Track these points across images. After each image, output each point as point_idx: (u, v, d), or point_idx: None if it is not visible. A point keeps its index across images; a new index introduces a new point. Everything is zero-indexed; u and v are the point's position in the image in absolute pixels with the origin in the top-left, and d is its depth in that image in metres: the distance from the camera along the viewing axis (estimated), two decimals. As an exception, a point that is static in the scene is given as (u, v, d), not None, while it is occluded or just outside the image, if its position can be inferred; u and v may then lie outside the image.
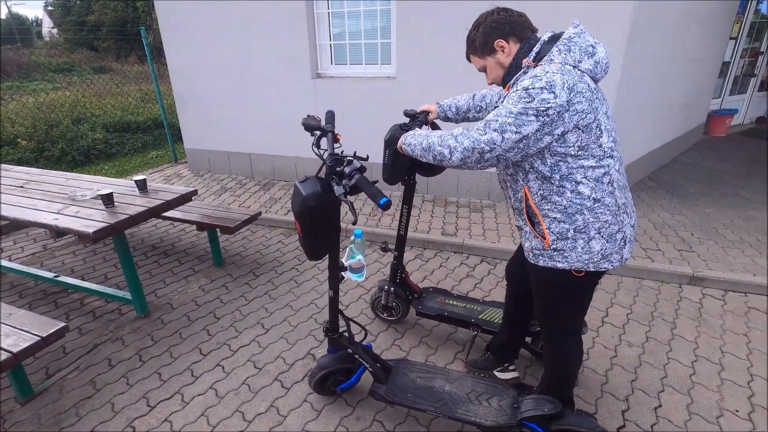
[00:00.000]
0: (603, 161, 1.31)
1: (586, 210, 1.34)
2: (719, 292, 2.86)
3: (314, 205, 1.38)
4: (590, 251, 1.38)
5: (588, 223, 1.36)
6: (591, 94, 1.26)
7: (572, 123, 1.24)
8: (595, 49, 1.30)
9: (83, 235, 2.10)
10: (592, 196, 1.33)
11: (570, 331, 1.62)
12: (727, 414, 1.97)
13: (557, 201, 1.36)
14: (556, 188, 1.35)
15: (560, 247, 1.40)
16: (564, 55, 1.28)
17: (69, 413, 2.05)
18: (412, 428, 1.93)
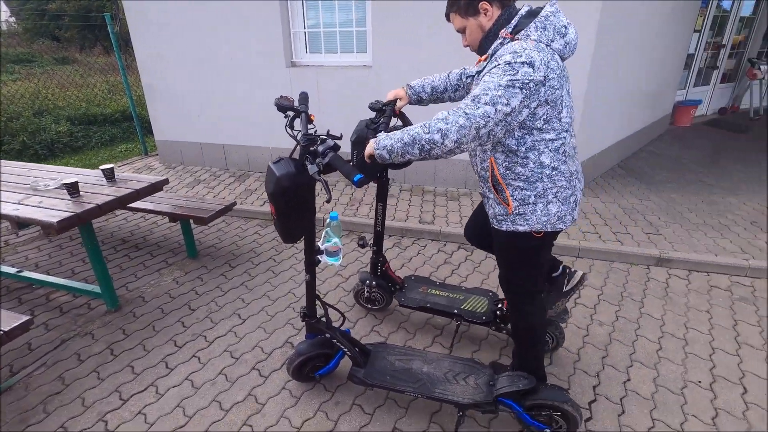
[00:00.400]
0: (561, 134, 1.41)
1: (546, 178, 1.45)
2: (684, 272, 2.99)
3: (288, 186, 1.36)
4: (548, 214, 1.49)
5: (546, 189, 1.47)
6: (560, 71, 1.34)
7: (544, 97, 1.31)
8: (567, 30, 1.37)
9: (47, 225, 2.01)
10: (550, 165, 1.44)
11: (532, 291, 1.70)
12: (690, 385, 2.06)
13: (521, 171, 1.46)
14: (520, 160, 1.44)
15: (522, 212, 1.51)
16: (540, 33, 1.34)
17: (36, 410, 1.98)
18: (392, 410, 1.94)
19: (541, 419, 1.69)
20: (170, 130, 5.22)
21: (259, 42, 4.37)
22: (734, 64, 7.78)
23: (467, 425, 1.86)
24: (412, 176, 4.44)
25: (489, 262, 3.15)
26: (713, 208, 3.75)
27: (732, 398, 1.99)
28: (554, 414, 1.67)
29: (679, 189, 4.21)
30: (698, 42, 6.86)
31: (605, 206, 3.82)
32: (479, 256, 3.25)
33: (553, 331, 2.16)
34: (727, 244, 3.16)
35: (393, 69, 4.06)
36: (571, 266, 2.11)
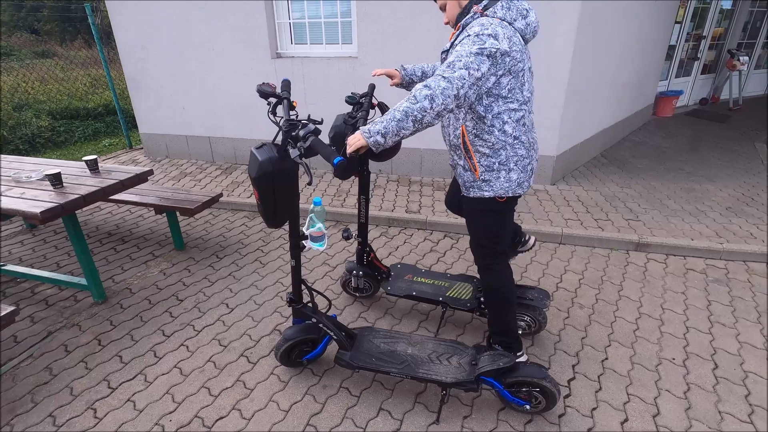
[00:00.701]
0: (522, 106, 1.61)
1: (508, 146, 1.64)
2: (662, 256, 3.08)
3: (271, 171, 1.38)
4: (510, 180, 1.69)
5: (509, 157, 1.66)
6: (521, 47, 1.53)
7: (508, 67, 1.50)
8: (528, 13, 1.58)
9: (30, 215, 2.01)
10: (512, 134, 1.63)
11: (499, 252, 1.87)
12: (664, 362, 2.15)
13: (487, 138, 1.64)
14: (487, 128, 1.62)
15: (487, 179, 1.69)
16: (504, 12, 1.53)
17: (24, 400, 1.98)
18: (378, 392, 1.99)
19: (521, 396, 1.76)
20: (155, 123, 5.17)
21: (243, 33, 4.34)
22: (715, 55, 7.93)
23: (451, 405, 1.92)
24: (399, 167, 4.48)
25: (474, 250, 3.21)
26: (691, 195, 3.86)
27: (703, 373, 2.08)
28: (533, 390, 1.73)
29: (659, 177, 4.31)
30: (679, 33, 6.97)
31: (587, 194, 3.90)
32: (464, 243, 3.30)
33: (536, 315, 2.22)
34: (703, 228, 3.26)
35: (378, 60, 4.07)
36: (526, 234, 2.35)
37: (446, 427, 1.82)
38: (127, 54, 4.89)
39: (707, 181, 4.19)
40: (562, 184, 4.15)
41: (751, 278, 2.81)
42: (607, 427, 1.80)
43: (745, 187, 4.02)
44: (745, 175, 4.32)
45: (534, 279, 2.84)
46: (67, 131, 6.83)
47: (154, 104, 5.06)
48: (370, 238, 3.42)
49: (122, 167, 2.78)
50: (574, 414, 1.87)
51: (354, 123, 1.74)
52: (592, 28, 3.75)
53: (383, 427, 1.82)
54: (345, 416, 1.88)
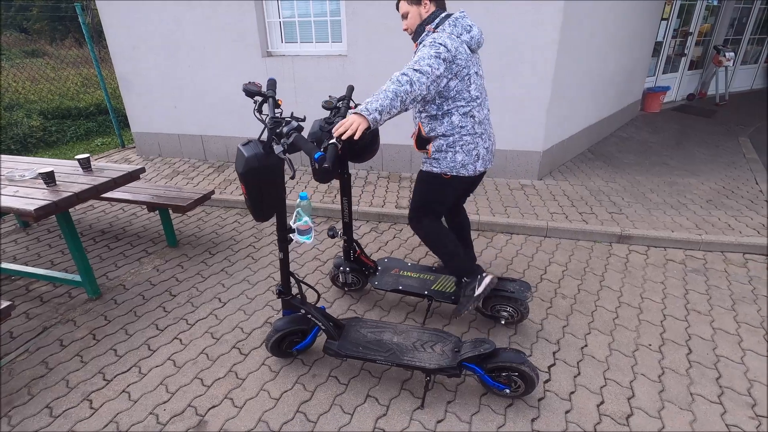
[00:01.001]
0: (470, 103, 1.96)
1: (456, 133, 1.99)
2: (643, 247, 3.18)
3: (257, 166, 1.45)
4: (455, 161, 2.04)
5: (455, 142, 2.01)
6: (466, 56, 1.88)
7: (454, 72, 1.85)
8: (471, 28, 1.93)
9: (25, 213, 2.06)
10: (459, 125, 1.98)
11: (435, 216, 2.24)
12: (641, 348, 2.24)
13: (439, 129, 2.01)
14: (438, 122, 2.00)
15: (437, 158, 2.06)
16: (452, 28, 1.90)
17: (21, 393, 2.04)
18: (365, 380, 2.06)
19: (501, 380, 1.84)
20: (147, 121, 5.20)
21: (234, 32, 4.38)
22: (702, 51, 8.05)
23: (436, 391, 2.00)
24: (389, 164, 4.54)
25: (462, 244, 3.28)
26: (674, 189, 3.96)
27: (678, 358, 2.17)
28: (513, 375, 1.81)
29: (643, 171, 4.41)
30: (666, 30, 7.08)
31: (573, 188, 3.99)
32: (453, 238, 3.38)
33: (518, 306, 2.30)
34: (683, 221, 3.36)
35: (367, 58, 4.13)
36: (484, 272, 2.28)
37: (431, 411, 1.90)
38: (119, 53, 4.91)
39: (690, 175, 4.29)
40: (548, 179, 4.24)
41: (728, 268, 2.91)
42: (583, 410, 1.89)
43: (726, 181, 4.12)
44: (727, 169, 4.43)
45: (519, 271, 2.92)
46: (58, 131, 6.83)
47: (146, 103, 5.09)
48: (360, 234, 3.48)
49: (114, 165, 2.82)
50: (552, 398, 1.95)
51: (330, 129, 1.80)
52: (576, 26, 3.82)
53: (370, 412, 1.90)
54: (334, 403, 1.95)
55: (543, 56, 3.70)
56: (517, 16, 3.64)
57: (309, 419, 1.87)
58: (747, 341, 2.27)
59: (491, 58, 3.84)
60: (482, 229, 3.48)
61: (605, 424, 1.83)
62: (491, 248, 3.22)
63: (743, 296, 2.62)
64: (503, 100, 3.96)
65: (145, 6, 4.52)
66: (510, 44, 3.75)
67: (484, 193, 3.94)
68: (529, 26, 3.64)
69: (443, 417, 1.87)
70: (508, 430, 1.80)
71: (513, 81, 3.87)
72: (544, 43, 3.65)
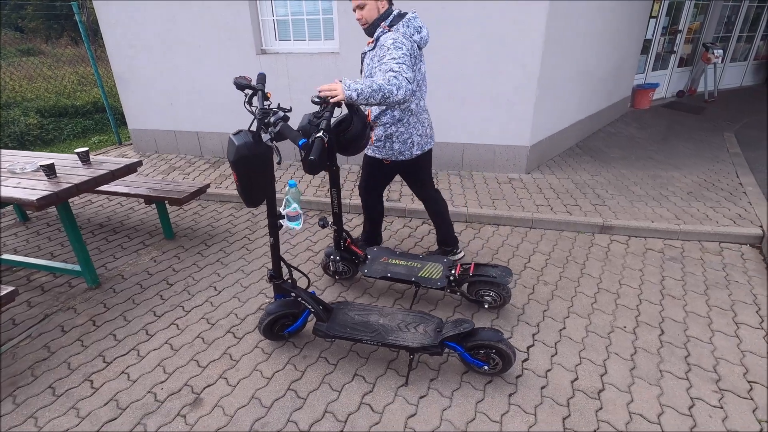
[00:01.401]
0: (410, 98, 2.23)
1: (394, 125, 2.35)
2: (624, 237, 3.30)
3: (247, 154, 1.55)
4: (392, 149, 2.42)
5: (393, 132, 2.37)
6: (417, 55, 2.19)
7: None
8: (422, 29, 2.20)
9: (27, 203, 2.15)
10: (398, 118, 2.33)
11: (377, 193, 2.72)
12: (617, 330, 2.35)
13: (382, 118, 2.35)
14: (382, 112, 2.35)
15: (378, 146, 2.44)
16: (405, 29, 2.16)
17: (24, 375, 2.14)
18: (353, 360, 2.17)
19: (480, 357, 1.95)
20: (143, 118, 5.29)
21: (229, 30, 4.47)
22: (691, 48, 8.18)
23: (420, 370, 2.11)
24: (381, 159, 4.64)
25: (450, 235, 3.39)
26: (657, 181, 4.08)
27: (650, 339, 2.28)
28: (491, 352, 1.92)
29: (629, 165, 4.53)
30: (655, 27, 7.20)
31: (560, 182, 4.11)
32: (441, 229, 3.49)
33: (500, 291, 2.41)
34: (664, 212, 3.48)
35: (359, 55, 4.22)
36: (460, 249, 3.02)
37: (414, 388, 2.01)
38: (116, 52, 4.99)
39: (674, 168, 4.41)
40: (536, 173, 4.35)
41: (704, 256, 3.03)
42: (558, 386, 2.00)
43: (708, 174, 4.25)
44: (710, 163, 4.55)
45: (504, 260, 3.03)
46: (55, 129, 6.90)
47: (142, 101, 5.18)
48: (351, 226, 3.59)
49: (112, 158, 2.92)
50: (530, 375, 2.07)
51: (318, 123, 1.89)
52: (562, 24, 3.93)
53: (357, 389, 2.01)
54: (323, 381, 2.06)
55: (529, 53, 3.81)
56: (503, 14, 3.74)
57: (299, 396, 1.98)
58: (716, 323, 2.38)
59: (479, 55, 3.94)
60: (470, 220, 3.59)
61: (578, 398, 1.94)
62: (478, 239, 3.33)
63: (716, 282, 2.74)
64: (491, 95, 4.07)
65: (141, 4, 4.61)
66: (497, 41, 3.85)
67: (473, 187, 4.06)
68: (516, 24, 3.75)
69: (426, 393, 1.98)
70: (487, 404, 1.91)
71: (500, 77, 3.98)
72: (530, 40, 3.76)
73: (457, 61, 4.03)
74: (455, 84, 4.12)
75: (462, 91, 4.14)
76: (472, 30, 3.87)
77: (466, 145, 4.36)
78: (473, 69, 4.02)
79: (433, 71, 4.11)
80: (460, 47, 3.96)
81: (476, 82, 4.07)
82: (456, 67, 4.05)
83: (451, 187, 4.06)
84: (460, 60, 4.02)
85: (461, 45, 3.95)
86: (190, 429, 1.83)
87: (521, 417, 1.86)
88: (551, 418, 1.84)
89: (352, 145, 2.22)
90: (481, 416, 1.86)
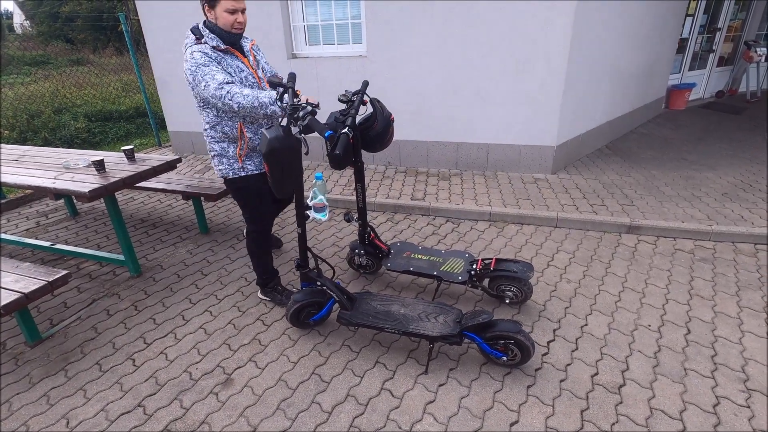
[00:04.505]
0: None
1: None
2: (652, 238, 3.23)
3: (277, 147, 1.66)
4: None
5: None
6: None
7: None
8: None
9: (80, 194, 2.36)
10: None
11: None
12: (640, 328, 2.33)
13: None
14: None
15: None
16: None
17: (75, 352, 2.33)
18: (375, 349, 2.25)
19: (498, 348, 1.99)
20: (182, 120, 5.58)
21: (262, 35, 4.68)
22: (732, 47, 7.86)
23: (439, 360, 2.16)
24: (406, 159, 4.73)
25: (473, 233, 3.43)
26: (689, 182, 3.97)
27: (676, 338, 2.25)
28: (509, 343, 1.96)
29: (660, 165, 4.42)
30: (692, 26, 6.97)
31: (586, 182, 4.06)
32: (464, 228, 3.53)
33: (521, 286, 2.44)
34: (696, 212, 3.39)
35: (385, 58, 4.33)
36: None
37: (434, 376, 2.06)
38: (157, 56, 5.31)
39: (708, 169, 4.28)
40: (562, 173, 4.32)
41: (737, 257, 2.94)
42: (578, 379, 2.01)
43: (746, 175, 4.09)
44: (748, 164, 4.38)
45: (527, 258, 3.04)
46: (101, 132, 7.36)
47: (181, 103, 5.47)
48: (376, 223, 3.68)
49: (155, 156, 3.13)
50: (549, 368, 2.08)
51: (344, 120, 2.00)
52: (590, 22, 3.91)
53: (379, 376, 2.08)
54: (346, 367, 2.15)
55: (556, 53, 3.81)
56: (530, 12, 3.76)
57: (323, 380, 2.08)
58: (747, 324, 2.32)
59: (504, 54, 3.97)
60: (494, 219, 3.61)
61: (597, 392, 1.95)
62: (501, 237, 3.35)
63: (749, 283, 2.66)
64: (516, 95, 4.08)
65: (180, 12, 4.89)
66: (523, 41, 3.87)
67: (497, 186, 4.07)
68: (542, 22, 3.75)
69: (445, 381, 2.03)
70: (505, 394, 1.95)
71: (526, 77, 3.99)
72: (557, 40, 3.76)
73: (482, 61, 4.07)
74: (480, 83, 4.16)
75: (487, 91, 4.17)
76: (498, 28, 3.90)
77: (491, 145, 4.37)
78: (498, 68, 4.05)
79: (457, 71, 4.16)
80: (486, 46, 4.00)
81: (501, 82, 4.09)
82: (481, 66, 4.09)
83: (476, 187, 4.08)
84: (485, 59, 4.05)
85: (487, 44, 3.99)
86: (221, 405, 1.96)
87: (539, 408, 1.88)
88: (569, 410, 1.86)
89: (376, 142, 2.31)
90: (499, 405, 1.90)
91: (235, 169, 2.29)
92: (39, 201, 4.45)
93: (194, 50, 2.04)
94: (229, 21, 2.06)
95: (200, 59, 2.02)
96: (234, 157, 2.28)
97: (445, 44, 4.11)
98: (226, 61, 2.12)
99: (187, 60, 2.04)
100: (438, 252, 2.75)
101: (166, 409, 1.96)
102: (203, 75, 2.00)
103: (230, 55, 2.15)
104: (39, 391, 2.08)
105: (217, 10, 2.04)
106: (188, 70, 2.04)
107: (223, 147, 2.27)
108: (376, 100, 2.28)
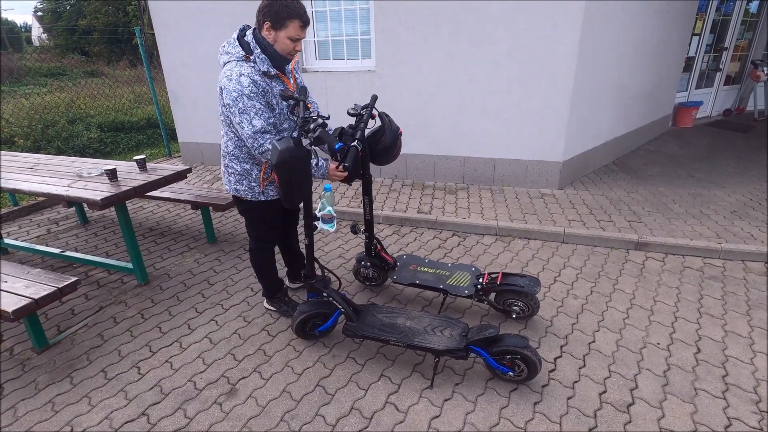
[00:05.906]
0: None
1: None
2: (660, 255, 3.21)
3: (288, 158, 1.69)
4: None
5: None
6: None
7: None
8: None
9: (92, 202, 2.40)
10: None
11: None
12: (649, 346, 2.30)
13: None
14: None
15: None
16: None
17: (81, 359, 2.34)
18: (380, 362, 2.24)
19: (505, 363, 1.97)
20: (192, 131, 5.67)
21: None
22: (739, 66, 7.89)
23: (445, 374, 2.14)
24: (413, 172, 4.76)
25: (479, 247, 3.43)
26: (697, 200, 3.95)
27: (685, 356, 2.22)
28: (516, 359, 1.94)
29: (667, 183, 4.41)
30: (699, 45, 7.02)
31: (593, 198, 4.06)
32: (471, 241, 3.53)
33: (528, 301, 2.42)
34: (704, 230, 3.37)
35: (394, 73, 4.40)
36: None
37: (439, 391, 2.04)
38: (170, 70, 5.43)
39: (716, 187, 4.26)
40: (569, 188, 4.32)
41: (747, 276, 2.91)
42: (585, 397, 1.98)
43: (755, 194, 4.07)
44: (756, 182, 4.36)
45: (533, 273, 3.03)
46: (113, 142, 7.49)
47: (191, 115, 5.57)
48: (382, 236, 3.69)
49: (165, 165, 3.18)
50: (556, 385, 2.06)
51: (353, 134, 2.03)
52: (596, 40, 3.96)
53: (383, 389, 2.07)
54: (350, 380, 2.13)
55: (562, 69, 3.85)
56: (535, 29, 3.82)
57: (327, 392, 2.06)
58: (759, 344, 2.29)
59: (511, 70, 4.02)
60: (500, 233, 3.61)
61: (605, 410, 1.92)
62: (508, 252, 3.34)
63: (760, 303, 2.62)
64: (523, 111, 4.12)
65: (195, 27, 5.01)
66: (529, 57, 3.92)
67: (504, 201, 4.08)
68: (548, 41, 3.81)
69: (450, 396, 2.01)
70: (511, 411, 1.92)
71: (533, 92, 4.03)
72: (563, 55, 3.80)
73: (489, 78, 4.12)
74: (486, 99, 4.20)
75: (493, 106, 4.21)
76: (504, 45, 3.96)
77: (498, 160, 4.39)
78: (505, 84, 4.09)
79: (464, 86, 4.21)
80: (492, 62, 4.05)
81: (508, 98, 4.13)
82: (487, 82, 4.14)
83: (482, 201, 4.09)
84: (491, 75, 4.10)
85: (493, 60, 4.04)
86: (225, 416, 1.95)
87: (546, 425, 1.85)
88: (577, 428, 1.83)
89: (385, 155, 2.34)
90: (505, 422, 1.87)
91: (255, 193, 2.22)
92: (50, 209, 4.51)
93: (242, 73, 1.89)
94: (288, 47, 1.96)
95: (247, 89, 1.87)
96: (257, 180, 2.20)
97: (452, 61, 4.18)
98: (273, 89, 2.00)
99: (231, 79, 1.88)
100: (444, 265, 2.74)
101: (169, 418, 1.95)
102: (243, 110, 1.89)
103: (278, 79, 2.06)
104: (44, 398, 2.08)
105: (281, 34, 1.92)
106: (228, 92, 1.89)
107: (245, 168, 2.17)
108: (384, 113, 2.31)
